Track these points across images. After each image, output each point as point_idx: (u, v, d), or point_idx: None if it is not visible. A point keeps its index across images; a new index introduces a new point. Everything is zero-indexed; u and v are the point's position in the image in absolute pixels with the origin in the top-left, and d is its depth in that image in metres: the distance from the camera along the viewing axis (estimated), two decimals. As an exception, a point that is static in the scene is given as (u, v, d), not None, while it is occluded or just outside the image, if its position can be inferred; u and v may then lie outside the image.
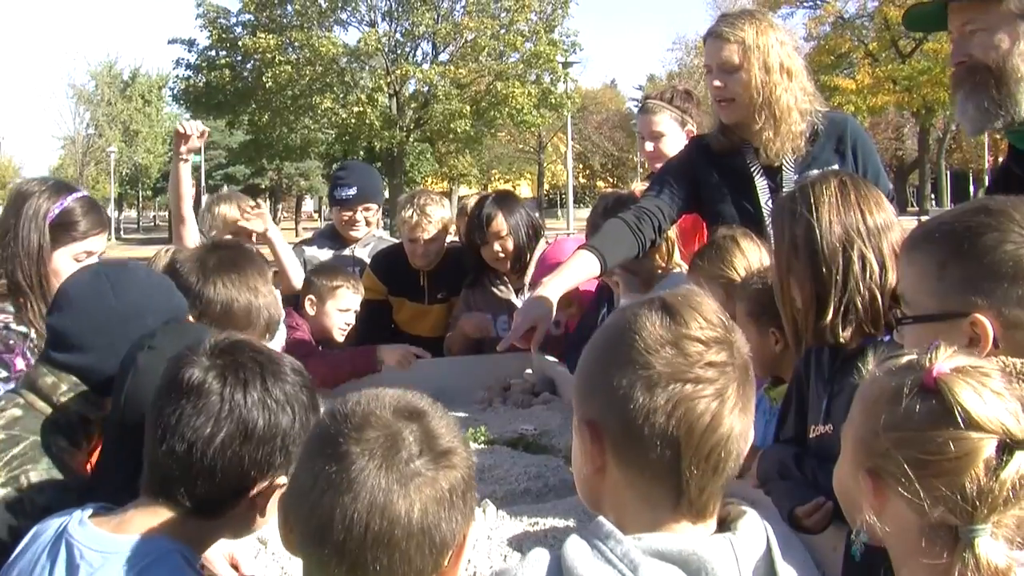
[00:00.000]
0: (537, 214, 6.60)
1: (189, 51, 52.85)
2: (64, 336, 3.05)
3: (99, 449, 3.02)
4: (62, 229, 3.78)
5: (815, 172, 3.89)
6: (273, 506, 2.39)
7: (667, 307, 1.95)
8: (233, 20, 51.14)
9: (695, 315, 1.93)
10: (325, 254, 6.90)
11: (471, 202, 7.00)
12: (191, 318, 3.42)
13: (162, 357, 2.68)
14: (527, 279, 6.21)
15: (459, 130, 47.58)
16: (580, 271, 4.70)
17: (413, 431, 1.91)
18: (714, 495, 1.94)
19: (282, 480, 2.36)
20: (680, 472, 1.88)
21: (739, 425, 1.92)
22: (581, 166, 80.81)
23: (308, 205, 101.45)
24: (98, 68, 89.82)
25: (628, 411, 1.88)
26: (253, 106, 49.61)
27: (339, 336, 5.98)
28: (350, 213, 6.89)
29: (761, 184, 4.72)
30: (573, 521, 3.60)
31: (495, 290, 6.31)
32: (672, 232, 4.79)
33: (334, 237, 7.05)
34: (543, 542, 3.41)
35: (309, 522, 1.89)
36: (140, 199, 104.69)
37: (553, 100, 48.77)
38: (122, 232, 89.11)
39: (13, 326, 3.53)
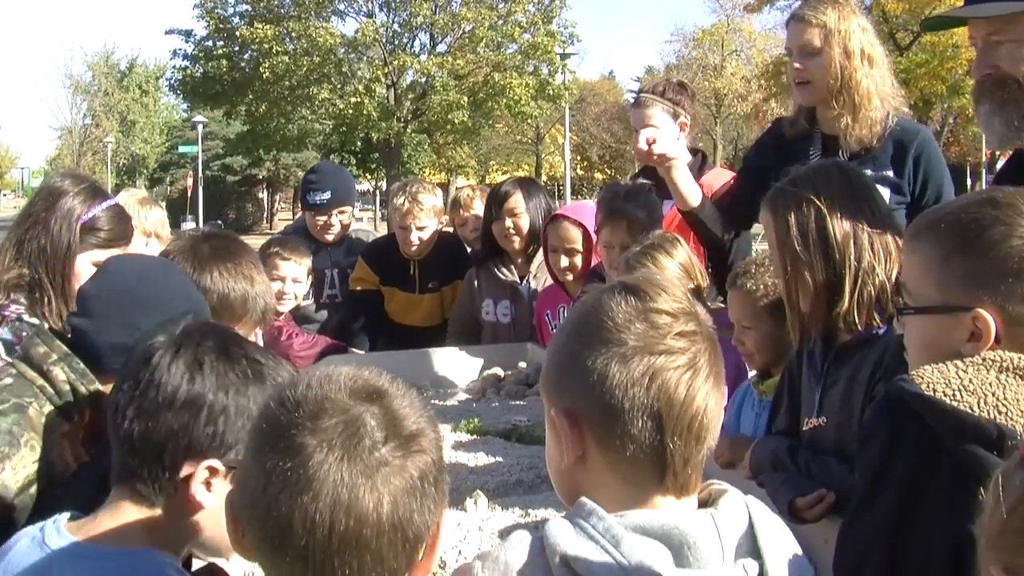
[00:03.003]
0: (484, 208, 6.49)
1: (186, 41, 52.60)
2: (84, 299, 3.07)
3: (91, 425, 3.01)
4: (89, 233, 3.75)
5: (816, 161, 3.82)
6: (212, 497, 2.26)
7: (630, 288, 1.95)
8: (230, 10, 50.91)
9: (659, 291, 1.94)
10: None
11: (464, 194, 6.98)
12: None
13: None
14: (533, 267, 6.17)
15: (457, 121, 47.36)
16: (692, 183, 4.86)
17: (374, 414, 1.74)
18: (696, 467, 1.92)
19: (213, 463, 2.24)
20: (664, 444, 1.86)
21: (714, 396, 1.92)
22: (579, 157, 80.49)
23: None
24: (95, 58, 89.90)
25: (605, 389, 1.85)
26: (250, 96, 49.36)
27: (280, 307, 5.68)
28: (324, 218, 6.72)
29: None
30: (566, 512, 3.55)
31: (499, 273, 6.23)
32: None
33: (306, 235, 6.79)
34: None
35: (265, 526, 1.72)
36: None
37: (551, 91, 48.58)
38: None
39: (26, 318, 3.48)
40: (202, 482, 2.24)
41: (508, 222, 6.08)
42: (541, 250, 6.04)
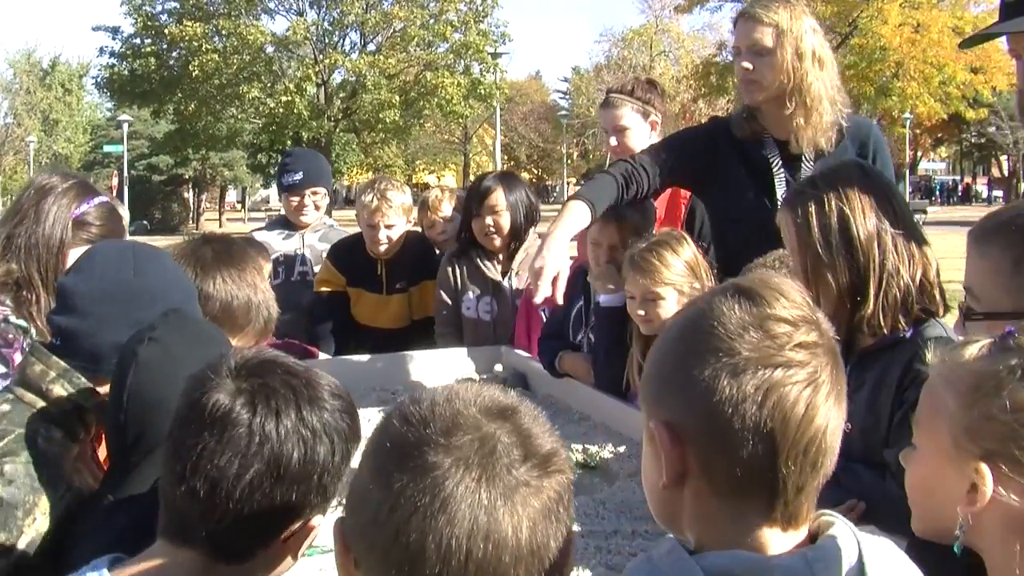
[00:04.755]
0: (463, 202, 6.36)
1: (113, 39, 52.15)
2: (69, 295, 2.84)
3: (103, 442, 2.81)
4: (80, 229, 3.59)
5: (835, 161, 3.70)
6: (305, 547, 2.10)
7: (744, 291, 1.76)
8: (159, 7, 50.59)
9: (776, 295, 1.74)
10: (275, 238, 6.66)
11: (432, 196, 6.80)
12: None
13: (166, 351, 2.49)
14: (515, 264, 6.02)
15: (388, 120, 47.32)
16: (577, 222, 4.41)
17: (508, 431, 1.60)
18: (810, 496, 1.74)
19: (317, 520, 2.08)
20: (776, 469, 1.67)
21: (835, 416, 1.72)
22: (507, 157, 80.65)
23: (231, 195, 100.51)
24: (16, 56, 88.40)
25: (713, 404, 1.67)
26: (179, 95, 49.09)
27: None
28: (298, 198, 6.65)
29: (780, 178, 4.53)
30: (575, 521, 3.40)
31: (483, 267, 6.05)
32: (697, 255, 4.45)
33: (285, 224, 6.83)
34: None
35: (390, 554, 1.55)
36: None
37: (483, 91, 48.65)
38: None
39: (12, 319, 3.31)
40: (304, 540, 2.09)
41: (488, 219, 5.92)
42: (523, 247, 5.94)
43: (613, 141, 5.62)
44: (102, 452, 2.84)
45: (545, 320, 5.48)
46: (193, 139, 53.95)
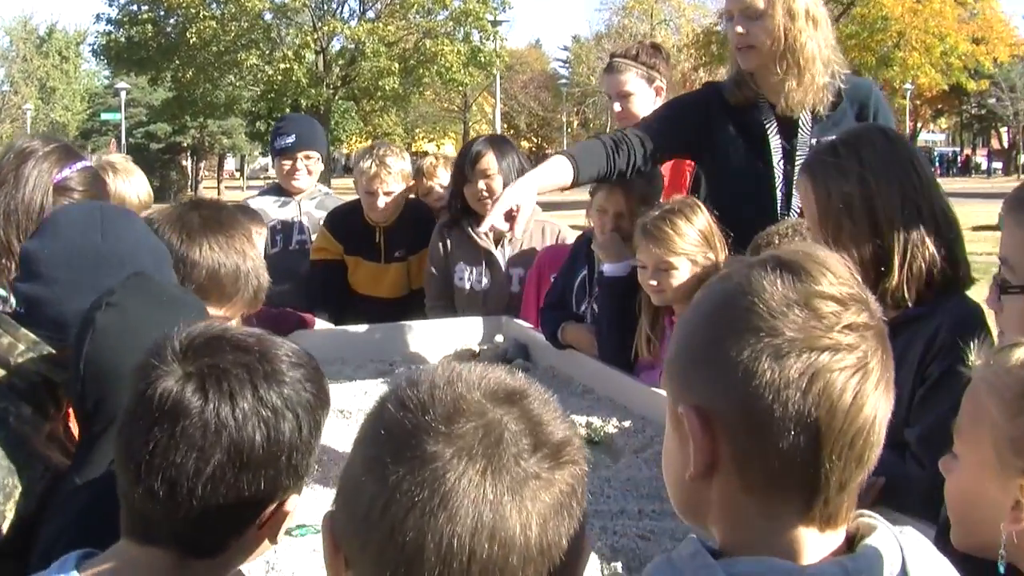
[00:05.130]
0: (453, 167, 6.21)
1: (110, 5, 51.81)
2: (33, 261, 2.69)
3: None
4: (62, 194, 3.44)
5: (856, 126, 3.54)
6: (283, 529, 1.95)
7: (787, 264, 1.59)
8: (155, -27, 50.20)
9: (823, 270, 1.57)
10: (270, 205, 6.53)
11: (427, 163, 6.66)
12: None
13: (124, 315, 2.35)
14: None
15: (387, 88, 47.11)
16: (554, 174, 4.35)
17: (516, 418, 1.44)
18: (852, 494, 1.57)
19: (293, 501, 1.92)
20: (819, 463, 1.51)
21: (883, 406, 1.56)
22: (506, 126, 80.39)
23: (230, 163, 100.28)
24: (12, 23, 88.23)
25: (752, 389, 1.50)
26: (177, 62, 48.83)
27: None
28: (290, 162, 6.53)
29: (775, 143, 4.40)
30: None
31: (474, 236, 5.88)
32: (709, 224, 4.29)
33: (280, 190, 6.70)
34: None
35: (384, 553, 1.40)
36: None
37: (482, 58, 48.40)
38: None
39: None
40: (282, 524, 1.94)
41: (481, 184, 5.74)
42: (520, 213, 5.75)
43: (617, 107, 5.50)
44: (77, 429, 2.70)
45: (548, 290, 5.34)
46: (191, 107, 53.74)
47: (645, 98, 5.43)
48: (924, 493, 2.66)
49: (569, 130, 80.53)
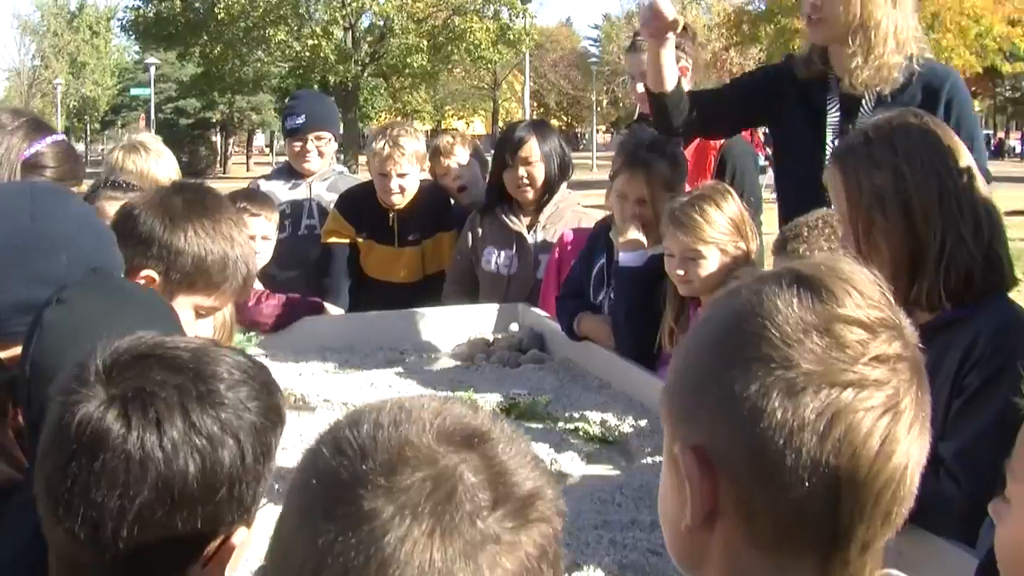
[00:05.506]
0: (493, 151, 6.04)
1: (139, -20, 51.79)
2: None
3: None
4: (32, 171, 3.25)
5: (892, 111, 3.29)
6: (235, 561, 1.71)
7: (806, 281, 1.36)
8: (184, -52, 50.08)
9: (848, 289, 1.35)
10: (280, 187, 6.33)
11: (444, 141, 6.43)
12: (155, 274, 2.88)
13: (73, 313, 2.12)
14: (542, 217, 5.67)
15: (415, 65, 46.94)
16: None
17: (475, 467, 1.22)
18: (876, 555, 1.36)
19: (241, 535, 1.68)
20: (837, 518, 1.29)
21: (917, 451, 1.34)
22: (536, 104, 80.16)
23: (259, 139, 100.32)
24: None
25: (760, 430, 1.29)
26: (205, 38, 48.76)
27: None
28: (300, 143, 6.32)
29: (832, 121, 4.21)
30: (587, 511, 3.06)
31: (507, 220, 5.71)
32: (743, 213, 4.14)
33: (291, 172, 6.51)
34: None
35: None
36: (88, 132, 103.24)
37: (511, 36, 48.15)
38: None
39: None
40: (230, 559, 1.69)
41: (522, 171, 5.57)
42: (553, 200, 5.62)
43: (640, 87, 5.27)
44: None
45: (565, 278, 5.14)
46: (219, 82, 53.75)
47: None
48: (960, 514, 2.46)
49: (599, 109, 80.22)
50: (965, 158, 2.81)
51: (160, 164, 5.21)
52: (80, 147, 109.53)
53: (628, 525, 2.98)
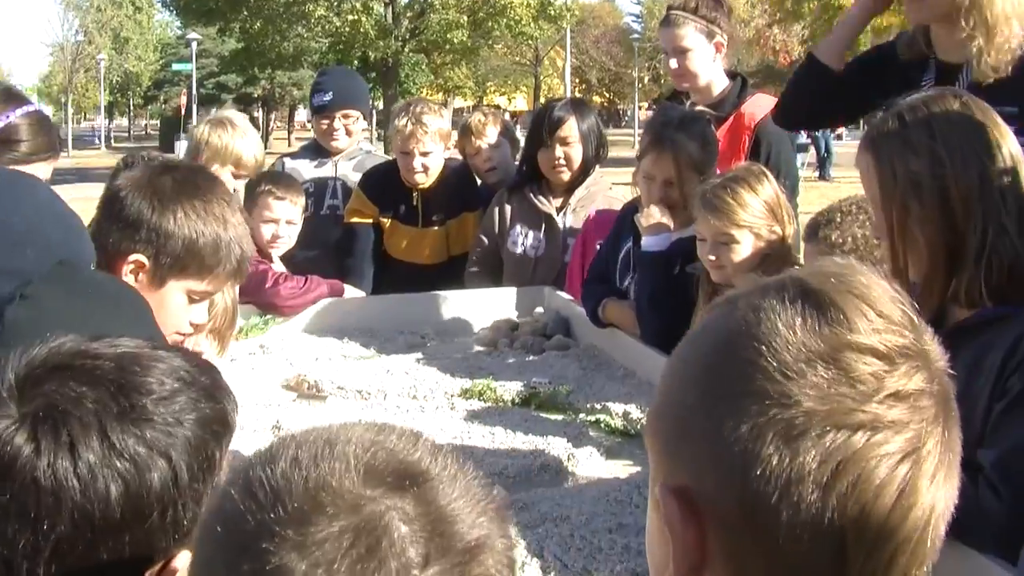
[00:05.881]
0: (529, 130, 5.85)
1: (180, -45, 51.72)
2: None
3: None
4: (3, 147, 3.10)
5: (931, 90, 3.05)
6: None
7: (812, 296, 1.15)
8: (224, -77, 49.97)
9: (863, 308, 1.13)
10: (305, 166, 6.21)
11: (475, 120, 6.23)
12: (144, 258, 2.73)
13: (38, 310, 2.00)
14: (573, 200, 5.49)
15: (456, 41, 46.68)
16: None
17: (406, 514, 1.04)
18: None
19: (184, 558, 1.47)
20: None
21: (943, 499, 1.13)
22: (578, 80, 79.93)
23: (301, 115, 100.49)
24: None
25: (753, 478, 1.09)
26: (244, 13, 48.55)
27: (273, 251, 5.22)
28: (327, 121, 6.19)
29: None
30: (601, 513, 2.89)
31: (536, 201, 5.54)
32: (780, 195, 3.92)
33: (317, 150, 6.36)
34: (569, 543, 2.71)
35: None
36: (131, 107, 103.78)
37: (552, 12, 47.81)
38: (112, 141, 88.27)
39: None
40: None
41: (559, 151, 5.40)
42: (585, 184, 5.45)
43: (673, 63, 5.11)
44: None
45: (591, 262, 4.96)
46: (259, 58, 53.62)
47: (704, 54, 5.02)
48: (1000, 528, 2.26)
49: (640, 85, 79.83)
50: (1009, 142, 2.60)
51: (245, 142, 5.12)
52: (123, 122, 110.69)
53: (643, 530, 2.80)
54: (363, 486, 1.05)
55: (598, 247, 5.02)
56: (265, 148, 5.68)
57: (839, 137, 40.86)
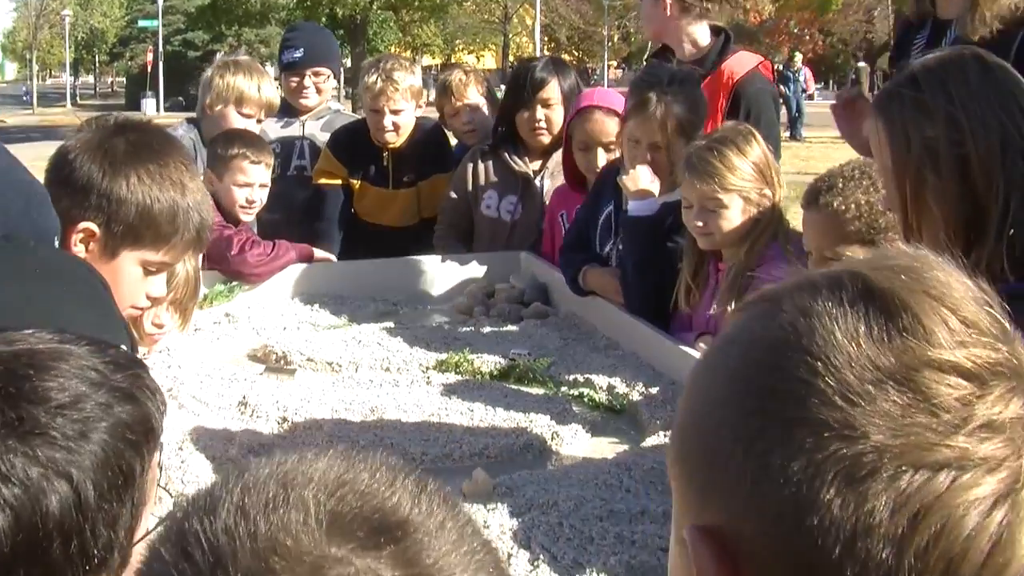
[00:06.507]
0: (503, 86, 5.65)
1: (144, -91, 51.25)
2: None
3: None
4: None
5: (945, 50, 2.86)
6: None
7: (876, 296, 0.93)
8: None
9: (943, 313, 0.91)
10: (271, 126, 5.92)
11: (455, 79, 6.00)
12: (94, 227, 2.55)
13: None
14: (551, 163, 5.27)
15: (424, -3, 46.47)
16: None
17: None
18: None
19: None
20: None
21: None
22: (547, 39, 79.49)
23: (269, 72, 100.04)
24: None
25: (807, 528, 0.87)
26: (211, -32, 48.31)
27: (244, 216, 4.97)
28: (297, 79, 5.96)
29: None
30: (591, 499, 2.70)
31: (513, 162, 5.32)
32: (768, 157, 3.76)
33: (285, 108, 6.08)
34: (558, 533, 2.52)
35: None
36: (96, 64, 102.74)
37: (522, -31, 47.65)
38: (78, 98, 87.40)
39: None
40: None
41: (540, 113, 5.19)
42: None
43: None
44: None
45: (568, 228, 4.77)
46: (226, 15, 53.21)
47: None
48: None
49: (610, 44, 79.43)
50: None
51: (248, 80, 5.27)
52: (89, 79, 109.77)
53: (638, 516, 2.62)
54: (327, 543, 0.83)
55: (561, 218, 4.91)
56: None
57: (810, 96, 40.73)
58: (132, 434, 1.33)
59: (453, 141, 6.13)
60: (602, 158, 4.66)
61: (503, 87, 5.60)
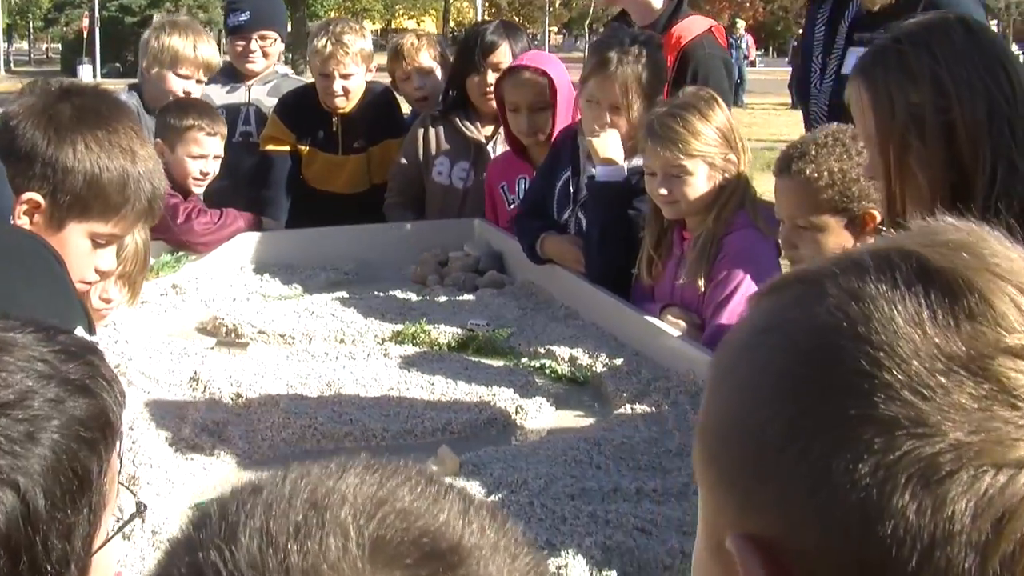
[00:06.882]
0: (455, 54, 5.54)
1: None
2: None
3: None
4: None
5: (931, 14, 2.79)
6: None
7: (936, 275, 0.82)
8: None
9: (1008, 290, 0.80)
10: (216, 91, 5.78)
11: (407, 43, 5.88)
12: (39, 197, 2.44)
13: None
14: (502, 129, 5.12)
15: (365, -38, 46.20)
16: None
17: None
18: None
19: None
20: None
21: None
22: (488, 3, 79.25)
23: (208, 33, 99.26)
24: None
25: (879, 538, 0.77)
26: (148, -70, 47.79)
27: (196, 188, 4.84)
28: (243, 43, 5.80)
29: (819, 35, 3.85)
30: (561, 476, 2.62)
31: (464, 128, 5.23)
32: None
33: (231, 73, 5.96)
34: (529, 513, 2.44)
35: None
36: (31, 30, 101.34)
37: (463, -68, 47.44)
38: (12, 65, 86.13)
39: None
40: None
41: (491, 77, 5.06)
42: None
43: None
44: None
45: (523, 195, 4.67)
46: (163, -22, 52.71)
47: None
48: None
49: (551, 9, 79.27)
50: (1016, 69, 2.35)
51: (183, 40, 5.22)
52: (23, 45, 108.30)
53: (610, 494, 2.54)
54: (372, 574, 0.72)
55: (502, 190, 4.86)
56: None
57: (752, 63, 40.80)
58: (87, 431, 1.21)
59: (406, 107, 6.00)
60: (526, 121, 4.64)
61: (454, 54, 5.48)
